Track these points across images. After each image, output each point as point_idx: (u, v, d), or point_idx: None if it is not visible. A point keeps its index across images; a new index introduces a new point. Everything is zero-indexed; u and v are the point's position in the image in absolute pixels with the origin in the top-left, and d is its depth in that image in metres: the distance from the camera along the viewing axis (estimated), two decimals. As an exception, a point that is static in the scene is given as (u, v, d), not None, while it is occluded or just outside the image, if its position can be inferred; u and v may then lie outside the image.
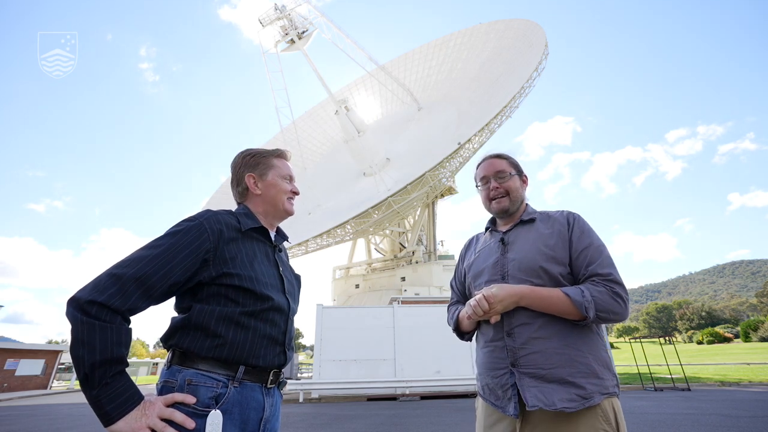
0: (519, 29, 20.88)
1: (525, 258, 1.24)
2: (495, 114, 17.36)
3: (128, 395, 0.85)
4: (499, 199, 1.39)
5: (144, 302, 0.93)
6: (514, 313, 1.20)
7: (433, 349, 13.09)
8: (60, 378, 36.56)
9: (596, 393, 1.07)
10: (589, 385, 1.08)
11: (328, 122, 27.44)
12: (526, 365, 1.14)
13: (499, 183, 1.39)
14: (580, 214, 1.31)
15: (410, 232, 24.42)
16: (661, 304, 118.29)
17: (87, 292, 0.87)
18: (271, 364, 1.07)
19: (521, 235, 1.31)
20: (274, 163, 1.29)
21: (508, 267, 1.26)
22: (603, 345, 1.18)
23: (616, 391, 1.13)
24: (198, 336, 0.99)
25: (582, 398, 1.06)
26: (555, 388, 1.09)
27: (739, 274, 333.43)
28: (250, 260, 1.10)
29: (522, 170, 1.44)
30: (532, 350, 1.14)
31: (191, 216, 1.08)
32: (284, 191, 1.27)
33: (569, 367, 1.10)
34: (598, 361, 1.12)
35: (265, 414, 1.03)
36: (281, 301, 1.13)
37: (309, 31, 20.89)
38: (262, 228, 1.22)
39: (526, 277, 1.21)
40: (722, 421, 6.25)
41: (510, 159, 1.43)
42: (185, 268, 0.98)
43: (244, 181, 1.26)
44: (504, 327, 1.21)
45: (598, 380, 1.09)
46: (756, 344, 55.15)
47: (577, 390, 1.07)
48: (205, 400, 0.93)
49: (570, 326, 1.15)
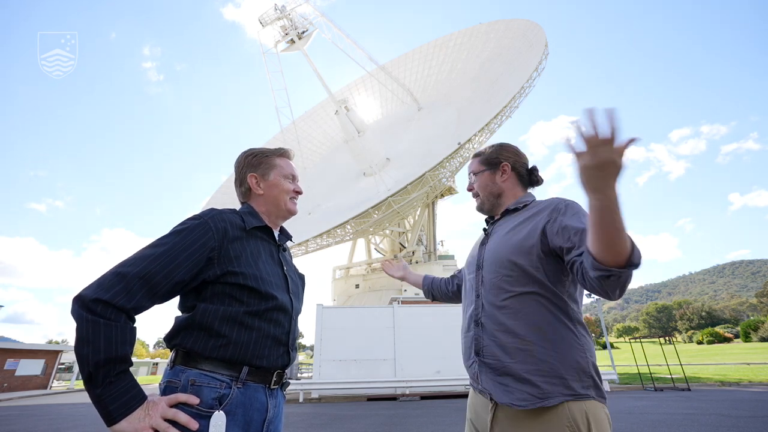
0: (519, 29, 20.86)
1: (496, 249, 1.22)
2: (495, 114, 17.34)
3: (132, 395, 0.85)
4: (476, 200, 1.43)
5: (149, 300, 0.93)
6: (483, 301, 1.19)
7: (433, 349, 13.09)
8: (60, 378, 36.54)
9: (556, 393, 1.01)
10: (545, 384, 1.02)
11: (328, 122, 27.41)
12: (486, 356, 1.14)
13: (471, 185, 1.43)
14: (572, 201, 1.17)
15: (410, 232, 24.41)
16: (661, 304, 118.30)
17: (92, 290, 0.86)
18: (274, 364, 1.07)
19: (501, 225, 1.30)
20: (276, 162, 1.29)
21: (484, 258, 1.26)
22: (579, 346, 1.07)
23: (590, 393, 1.02)
24: (202, 336, 0.99)
25: (536, 397, 1.01)
26: (509, 382, 1.07)
27: (739, 274, 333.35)
28: (254, 259, 1.10)
29: (499, 160, 1.36)
30: (493, 341, 1.13)
31: (196, 214, 1.08)
32: (286, 191, 1.27)
33: (526, 364, 1.05)
34: (564, 361, 1.04)
35: (268, 415, 1.03)
36: (285, 300, 1.12)
37: (309, 31, 20.87)
38: (266, 227, 1.22)
39: (497, 268, 1.18)
40: (722, 421, 6.25)
41: (483, 155, 1.41)
42: (190, 267, 0.98)
43: (246, 181, 1.26)
44: (473, 317, 1.21)
45: (559, 380, 1.02)
46: (756, 344, 55.17)
47: (530, 388, 1.03)
48: (208, 401, 0.93)
49: (540, 322, 1.08)
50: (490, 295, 1.18)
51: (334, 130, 26.73)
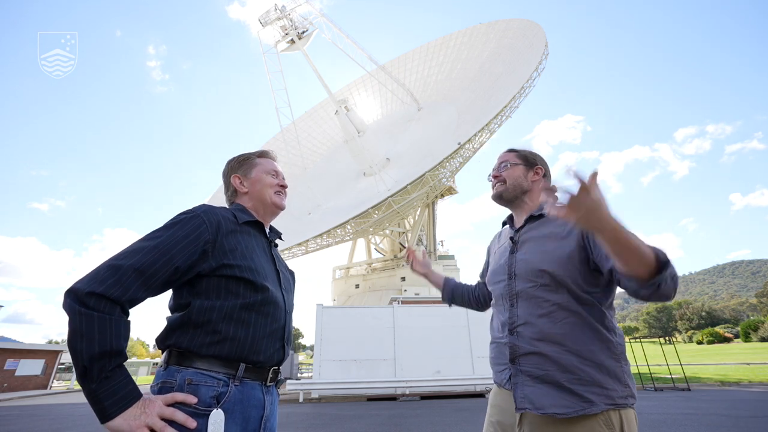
0: (519, 29, 20.88)
1: (530, 259, 1.22)
2: (495, 114, 17.34)
3: (127, 391, 0.83)
4: (496, 186, 1.43)
5: (143, 293, 0.91)
6: (519, 311, 1.20)
7: (433, 349, 13.08)
8: (60, 378, 36.50)
9: (598, 402, 1.03)
10: (588, 393, 1.03)
11: (328, 122, 27.40)
12: (525, 363, 1.14)
13: (497, 171, 1.43)
14: None
15: (410, 232, 24.41)
16: (661, 304, 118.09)
17: (85, 282, 0.85)
18: (270, 360, 1.07)
19: (530, 233, 1.30)
20: (256, 161, 1.33)
21: (516, 267, 1.26)
22: (616, 356, 1.09)
23: (627, 402, 1.06)
24: (198, 334, 0.97)
25: (578, 405, 1.03)
26: (549, 391, 1.07)
27: (739, 274, 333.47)
28: (249, 252, 1.10)
29: (535, 162, 1.42)
30: (532, 350, 1.13)
31: (188, 209, 1.08)
32: (269, 185, 1.29)
33: (568, 373, 1.06)
34: (603, 369, 1.06)
35: (265, 412, 1.03)
36: (278, 294, 1.13)
37: (309, 31, 20.87)
38: (257, 222, 1.23)
39: (532, 278, 1.19)
40: (722, 421, 6.25)
41: (520, 152, 1.44)
42: (184, 259, 0.97)
43: (231, 183, 1.30)
44: (508, 325, 1.22)
45: (600, 389, 1.04)
46: (756, 344, 55.21)
47: (572, 397, 1.04)
48: (206, 400, 0.92)
49: (576, 330, 1.10)
50: (528, 304, 1.19)
51: (334, 130, 26.72)
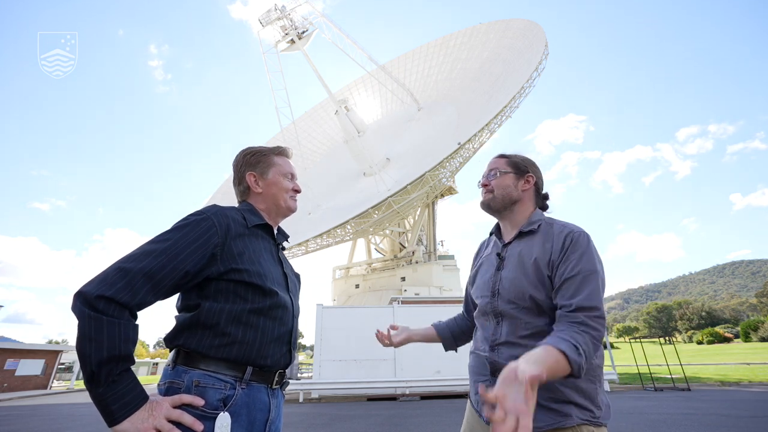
0: (519, 29, 20.87)
1: (514, 280, 1.20)
2: (495, 114, 17.34)
3: (135, 394, 0.83)
4: (484, 194, 1.37)
5: (152, 297, 0.91)
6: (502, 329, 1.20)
7: (433, 349, 12.83)
8: (60, 378, 36.51)
9: (574, 416, 1.06)
10: (563, 409, 1.07)
11: (328, 122, 27.40)
12: None
13: (486, 179, 1.37)
14: (584, 234, 1.17)
15: (410, 232, 24.39)
16: (661, 304, 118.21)
17: (94, 286, 0.84)
18: (277, 363, 1.07)
19: (517, 251, 1.26)
20: (274, 161, 1.28)
21: (499, 285, 1.24)
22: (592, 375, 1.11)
23: (601, 421, 1.09)
24: (206, 335, 0.97)
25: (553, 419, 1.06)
26: None
27: (739, 274, 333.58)
28: (257, 257, 1.09)
29: (526, 170, 1.35)
30: None
31: (198, 210, 1.07)
32: (285, 189, 1.26)
33: (545, 392, 1.07)
34: (580, 391, 1.09)
35: (270, 415, 1.03)
36: (286, 298, 1.12)
37: (309, 31, 20.86)
38: (266, 225, 1.21)
39: (515, 300, 1.18)
40: (722, 421, 6.26)
41: (511, 158, 1.37)
42: (194, 262, 0.96)
43: (245, 180, 1.25)
44: (489, 341, 1.22)
45: (575, 407, 1.07)
46: (756, 344, 55.26)
47: (548, 412, 1.07)
48: (213, 402, 0.92)
49: None
50: (510, 323, 1.19)
51: (334, 130, 26.71)
